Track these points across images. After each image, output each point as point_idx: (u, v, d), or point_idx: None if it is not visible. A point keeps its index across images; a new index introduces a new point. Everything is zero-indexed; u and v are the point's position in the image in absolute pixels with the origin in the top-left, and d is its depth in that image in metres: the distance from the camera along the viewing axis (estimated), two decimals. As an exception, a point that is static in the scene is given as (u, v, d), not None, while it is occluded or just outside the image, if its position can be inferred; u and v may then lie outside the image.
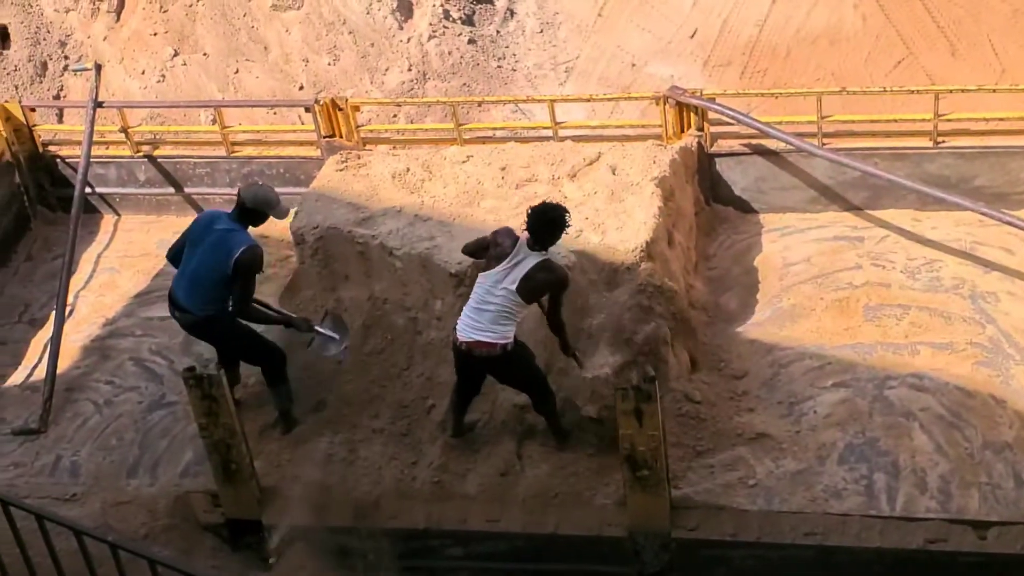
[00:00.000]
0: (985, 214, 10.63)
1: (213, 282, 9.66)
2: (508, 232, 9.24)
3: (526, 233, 9.06)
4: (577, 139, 11.53)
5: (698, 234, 11.44)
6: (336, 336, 10.10)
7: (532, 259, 9.02)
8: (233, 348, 10.03)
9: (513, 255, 9.05)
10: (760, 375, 10.21)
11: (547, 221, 9.01)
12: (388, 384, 10.29)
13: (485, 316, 9.06)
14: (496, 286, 9.04)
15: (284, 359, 10.10)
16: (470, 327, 9.11)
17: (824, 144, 11.22)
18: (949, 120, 11.12)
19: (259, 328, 10.01)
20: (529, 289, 9.04)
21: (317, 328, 10.05)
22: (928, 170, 11.19)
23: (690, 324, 10.45)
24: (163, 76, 15.87)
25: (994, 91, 11.47)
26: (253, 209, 9.73)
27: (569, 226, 9.11)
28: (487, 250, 9.25)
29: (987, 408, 9.63)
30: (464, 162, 11.02)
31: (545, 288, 9.11)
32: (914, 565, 8.89)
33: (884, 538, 8.92)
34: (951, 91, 11.23)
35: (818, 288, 10.83)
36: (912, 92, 11.65)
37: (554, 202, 9.26)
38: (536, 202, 10.15)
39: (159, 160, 12.79)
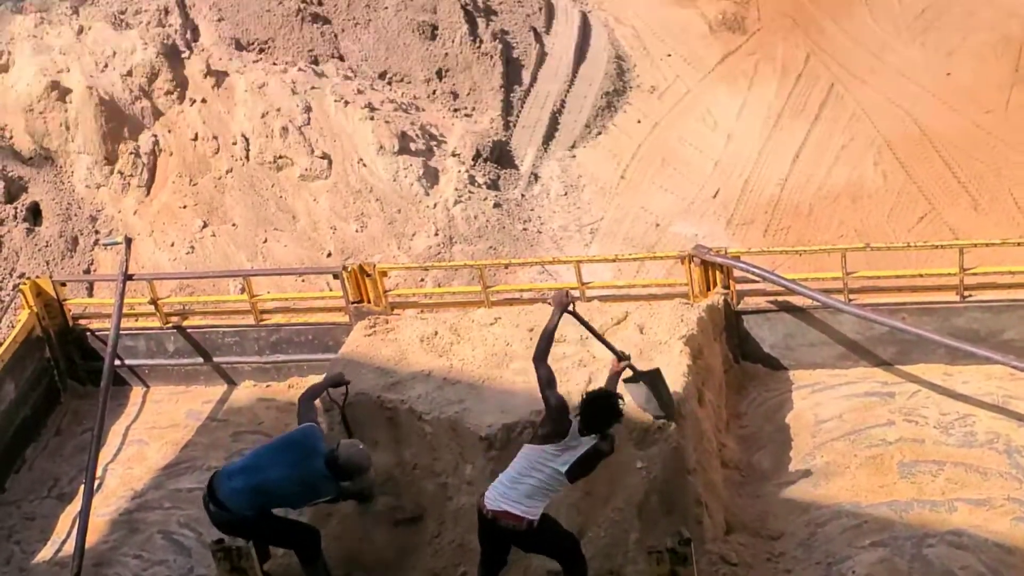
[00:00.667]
0: (1016, 367, 10.56)
1: (278, 504, 9.69)
2: (564, 412, 9.12)
3: (577, 419, 9.00)
4: (604, 299, 11.56)
5: (728, 392, 11.39)
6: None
7: (586, 443, 8.95)
8: (269, 540, 9.91)
9: (569, 438, 8.96)
10: (796, 535, 10.06)
11: (598, 408, 8.95)
12: (419, 551, 10.17)
13: (521, 488, 8.94)
14: (543, 463, 8.94)
15: (318, 537, 9.98)
16: (501, 496, 8.99)
17: (851, 300, 11.21)
18: (975, 274, 11.13)
19: (292, 513, 9.95)
20: (580, 474, 9.00)
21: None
22: (956, 324, 11.16)
23: (723, 484, 10.36)
24: (192, 248, 16.06)
25: (1019, 244, 11.49)
26: (341, 467, 9.58)
27: (622, 413, 9.05)
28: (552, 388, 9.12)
29: (1028, 565, 9.46)
30: (492, 324, 11.05)
31: (596, 463, 9.05)
32: None
33: None
34: (975, 245, 11.27)
35: (851, 445, 10.73)
36: (936, 247, 11.70)
37: (606, 390, 9.22)
38: (566, 362, 10.17)
39: (188, 331, 12.85)
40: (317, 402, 10.13)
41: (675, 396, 9.77)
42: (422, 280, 15.22)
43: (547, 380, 9.08)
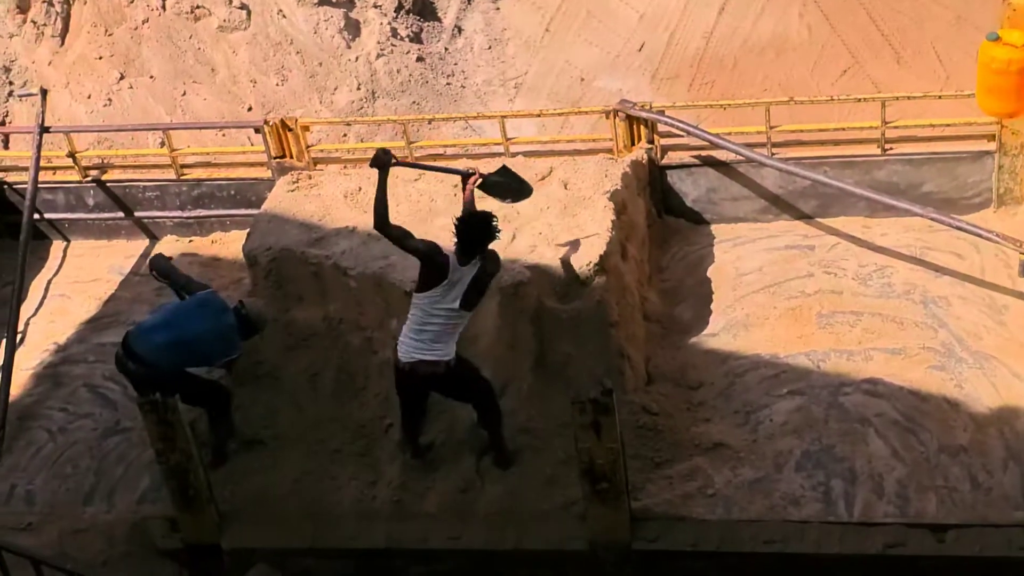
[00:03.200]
0: (934, 219, 10.73)
1: (196, 361, 9.82)
2: (439, 250, 9.21)
3: (452, 249, 9.05)
4: (528, 155, 11.55)
5: (651, 246, 11.48)
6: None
7: (468, 272, 9.02)
8: (184, 398, 9.89)
9: (450, 276, 9.02)
10: (716, 385, 10.25)
11: (471, 228, 9.03)
12: (345, 404, 10.25)
13: (426, 336, 9.05)
14: (434, 307, 9.02)
15: (229, 396, 10.14)
16: (411, 347, 9.10)
17: (773, 154, 11.29)
18: (896, 127, 11.23)
19: (201, 371, 10.02)
20: (475, 299, 9.07)
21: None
22: (877, 177, 11.29)
23: (645, 337, 10.50)
24: (110, 100, 15.75)
25: (939, 97, 11.59)
26: (250, 323, 9.85)
27: (498, 232, 9.11)
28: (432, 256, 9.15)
29: (941, 412, 9.71)
30: (416, 180, 11.01)
31: (487, 284, 9.16)
32: (874, 570, 8.96)
33: (843, 544, 8.97)
34: (897, 98, 11.35)
35: (771, 297, 10.89)
36: (859, 100, 11.75)
37: (474, 210, 9.30)
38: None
39: (108, 185, 12.71)
40: None
41: (601, 252, 9.86)
42: (344, 135, 15.05)
43: (402, 235, 9.14)
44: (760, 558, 9.05)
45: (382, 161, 9.11)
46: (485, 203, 9.63)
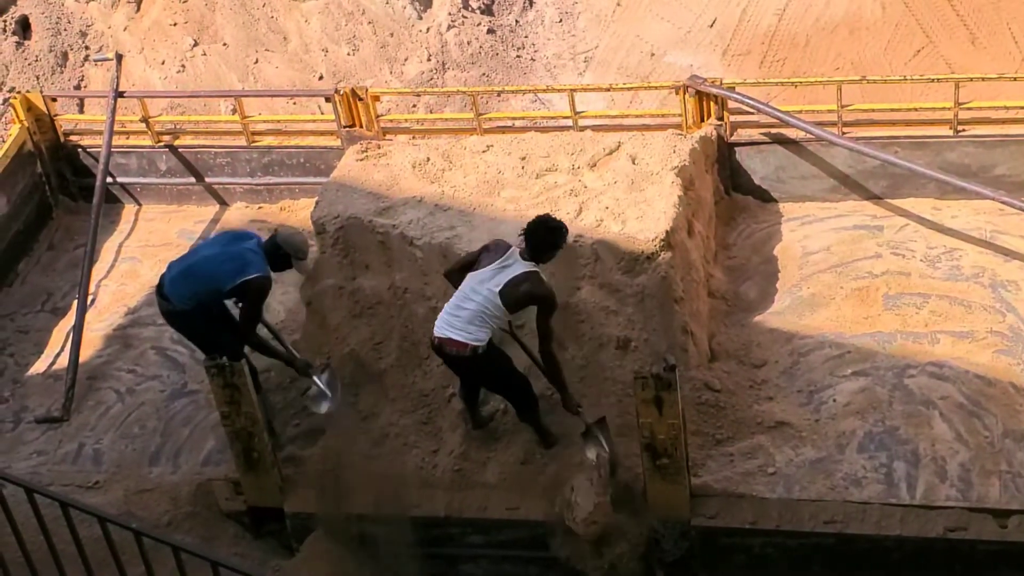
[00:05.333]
0: (1005, 203, 10.62)
1: (207, 286, 9.65)
2: (501, 241, 9.24)
3: (521, 241, 9.04)
4: (597, 129, 11.53)
5: (718, 223, 11.45)
6: (329, 393, 9.92)
7: (521, 266, 8.98)
8: (204, 338, 9.89)
9: (504, 259, 9.02)
10: (780, 364, 10.22)
11: (547, 231, 9.00)
12: (409, 373, 10.32)
13: (463, 314, 9.02)
14: (480, 285, 9.00)
15: (255, 374, 9.92)
16: (446, 323, 9.09)
17: (844, 133, 11.21)
18: (969, 108, 11.10)
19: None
20: (513, 297, 8.96)
21: (315, 378, 9.92)
22: (948, 159, 11.18)
23: (709, 313, 10.48)
24: (183, 66, 15.93)
25: (1015, 79, 11.45)
26: (281, 250, 9.72)
27: (565, 243, 9.09)
28: (472, 266, 9.18)
29: (1007, 396, 9.63)
30: (484, 152, 11.04)
31: (528, 300, 9.03)
32: (934, 553, 8.91)
33: (904, 526, 8.94)
34: (971, 79, 11.21)
35: (838, 277, 10.83)
36: (932, 81, 11.63)
37: (556, 218, 9.24)
38: (557, 192, 10.19)
39: (180, 150, 12.83)
40: None
41: (667, 227, 9.84)
42: (414, 106, 15.13)
43: (463, 263, 9.26)
44: (820, 537, 9.04)
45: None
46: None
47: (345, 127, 12.05)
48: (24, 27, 16.75)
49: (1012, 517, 8.83)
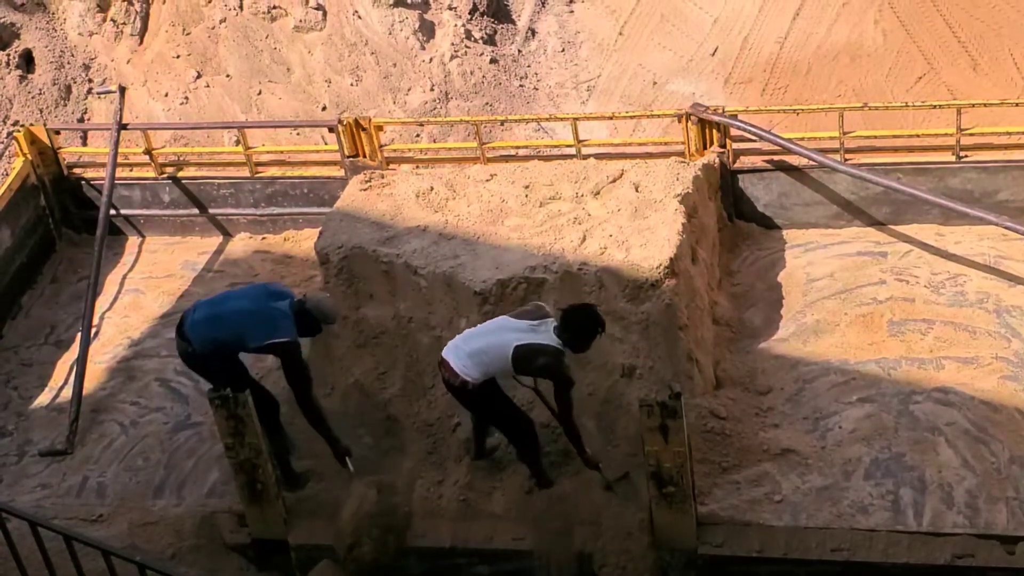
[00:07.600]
0: (1009, 228, 10.61)
1: (231, 338, 9.54)
2: (543, 306, 9.23)
3: (557, 317, 9.01)
4: (600, 157, 11.54)
5: (721, 251, 11.45)
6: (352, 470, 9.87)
7: (550, 340, 8.95)
8: (222, 382, 9.68)
9: (539, 323, 9.01)
10: (785, 391, 10.20)
11: (586, 318, 8.96)
12: (413, 402, 10.31)
13: (471, 344, 9.06)
14: (502, 330, 9.02)
15: (277, 408, 9.99)
16: (453, 347, 9.13)
17: (846, 160, 11.22)
18: (971, 134, 11.11)
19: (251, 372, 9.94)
20: (527, 362, 8.95)
21: (348, 462, 9.82)
22: (951, 184, 11.18)
23: (714, 341, 10.46)
24: (186, 98, 15.97)
25: (1016, 105, 11.46)
26: (311, 315, 9.52)
27: (601, 334, 9.05)
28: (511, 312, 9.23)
29: (1013, 422, 9.60)
30: (488, 180, 11.05)
31: (543, 375, 9.05)
32: (942, 580, 8.87)
33: (911, 553, 8.90)
34: (973, 105, 11.22)
35: (842, 303, 10.82)
36: (934, 107, 11.65)
37: (593, 310, 9.16)
38: (560, 220, 10.20)
39: (183, 181, 12.84)
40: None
41: (671, 254, 9.84)
42: (418, 136, 15.17)
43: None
44: (827, 565, 8.99)
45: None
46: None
47: (349, 157, 12.07)
48: (28, 60, 16.82)
49: (1020, 543, 8.79)
